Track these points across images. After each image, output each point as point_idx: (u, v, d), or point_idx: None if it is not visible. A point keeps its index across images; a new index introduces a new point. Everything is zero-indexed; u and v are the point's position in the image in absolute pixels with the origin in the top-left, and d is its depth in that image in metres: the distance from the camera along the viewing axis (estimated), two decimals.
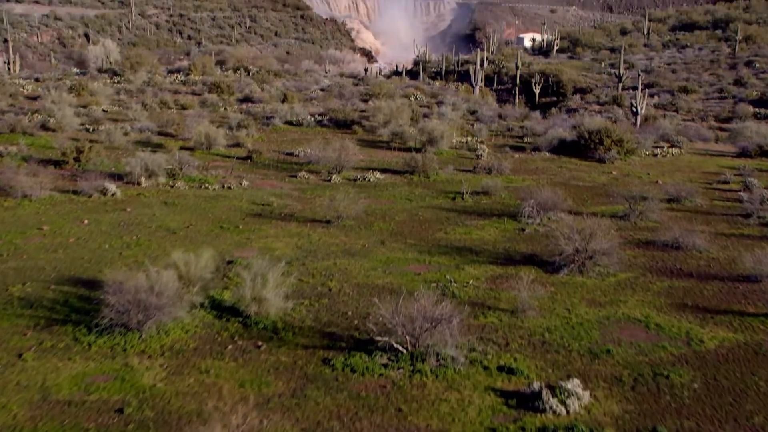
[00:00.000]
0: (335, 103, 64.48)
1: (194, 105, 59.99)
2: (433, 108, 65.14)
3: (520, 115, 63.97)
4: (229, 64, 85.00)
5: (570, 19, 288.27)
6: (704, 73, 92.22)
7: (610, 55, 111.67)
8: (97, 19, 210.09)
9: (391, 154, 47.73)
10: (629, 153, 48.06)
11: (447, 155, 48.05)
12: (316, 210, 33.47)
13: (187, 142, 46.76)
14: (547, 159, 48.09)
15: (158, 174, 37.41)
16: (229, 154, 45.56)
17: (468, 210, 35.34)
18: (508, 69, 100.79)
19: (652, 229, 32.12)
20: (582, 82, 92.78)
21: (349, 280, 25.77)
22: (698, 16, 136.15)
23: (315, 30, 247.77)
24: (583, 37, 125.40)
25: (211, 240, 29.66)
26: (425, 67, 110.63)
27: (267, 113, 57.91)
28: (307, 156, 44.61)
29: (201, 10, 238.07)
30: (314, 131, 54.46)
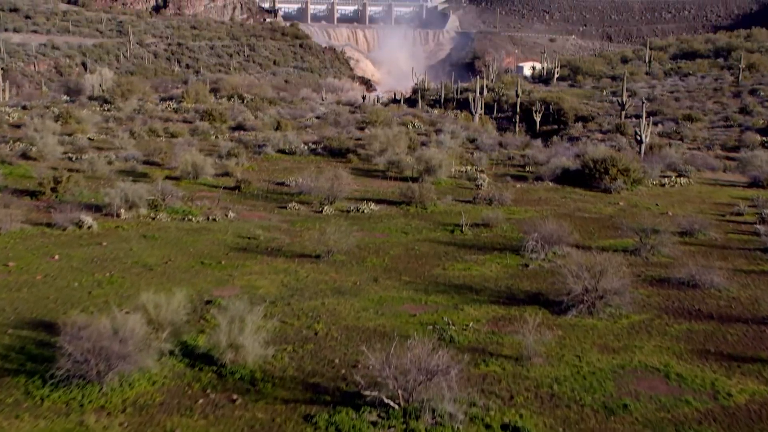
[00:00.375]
0: (330, 131, 62.59)
1: (184, 133, 58.05)
2: (432, 136, 63.25)
3: (521, 144, 62.01)
4: (223, 92, 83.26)
5: (569, 49, 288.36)
6: (708, 101, 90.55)
7: (611, 83, 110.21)
8: (95, 48, 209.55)
9: (386, 184, 45.64)
10: (636, 183, 46.01)
11: (445, 185, 45.99)
12: (306, 244, 31.29)
13: (173, 172, 44.70)
14: (550, 189, 46.00)
15: (139, 205, 35.28)
16: (217, 183, 43.48)
17: (467, 244, 33.17)
18: (508, 97, 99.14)
19: (665, 265, 29.92)
20: (583, 110, 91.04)
21: (338, 322, 23.54)
22: (699, 44, 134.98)
23: (314, 59, 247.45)
24: (584, 65, 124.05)
25: (189, 277, 27.47)
26: (424, 95, 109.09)
27: (259, 141, 55.96)
28: (298, 186, 42.53)
29: (199, 39, 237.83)
30: (307, 160, 52.45)
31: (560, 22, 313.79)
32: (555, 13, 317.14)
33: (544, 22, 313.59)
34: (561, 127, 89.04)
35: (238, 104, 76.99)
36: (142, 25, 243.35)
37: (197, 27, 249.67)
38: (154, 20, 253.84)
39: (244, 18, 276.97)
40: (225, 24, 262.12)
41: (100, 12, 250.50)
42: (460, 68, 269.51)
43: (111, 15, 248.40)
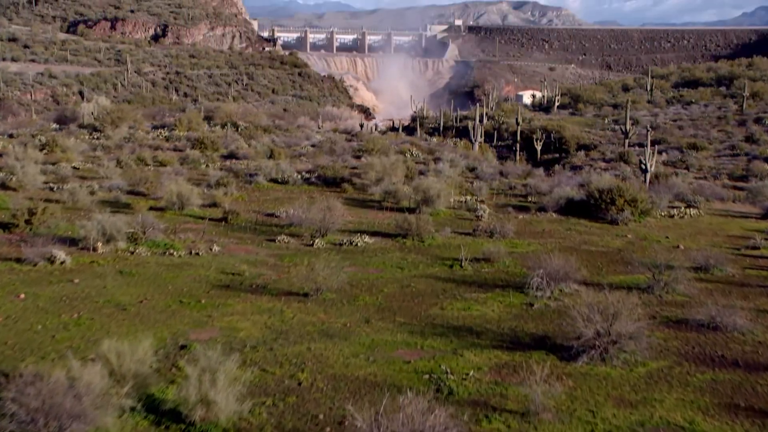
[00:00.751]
0: (325, 159, 60.64)
1: (173, 162, 56.07)
2: (430, 164, 61.30)
3: (522, 173, 60.00)
4: (217, 120, 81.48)
5: (569, 77, 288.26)
6: (712, 129, 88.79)
7: (613, 111, 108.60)
8: (92, 76, 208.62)
9: (382, 215, 43.50)
10: (644, 214, 43.91)
11: (444, 216, 43.87)
12: (293, 281, 29.00)
13: (158, 202, 42.58)
14: (554, 220, 43.84)
15: (117, 238, 33.09)
16: (204, 215, 41.33)
17: (467, 280, 30.93)
18: (508, 125, 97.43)
19: (681, 304, 27.67)
20: (585, 139, 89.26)
21: (324, 370, 21.26)
22: (701, 73, 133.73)
23: (313, 87, 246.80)
24: (585, 94, 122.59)
25: (165, 318, 25.23)
26: (422, 123, 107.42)
27: (251, 170, 53.97)
28: (289, 217, 40.37)
29: (198, 67, 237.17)
30: (300, 189, 50.39)
31: (559, 51, 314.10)
32: (554, 42, 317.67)
33: (543, 51, 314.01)
34: (562, 155, 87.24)
35: (231, 132, 75.15)
36: (140, 53, 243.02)
37: (196, 56, 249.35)
38: (153, 49, 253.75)
39: (243, 47, 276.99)
40: (224, 53, 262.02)
41: (98, 41, 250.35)
42: (460, 97, 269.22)
43: (110, 44, 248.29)
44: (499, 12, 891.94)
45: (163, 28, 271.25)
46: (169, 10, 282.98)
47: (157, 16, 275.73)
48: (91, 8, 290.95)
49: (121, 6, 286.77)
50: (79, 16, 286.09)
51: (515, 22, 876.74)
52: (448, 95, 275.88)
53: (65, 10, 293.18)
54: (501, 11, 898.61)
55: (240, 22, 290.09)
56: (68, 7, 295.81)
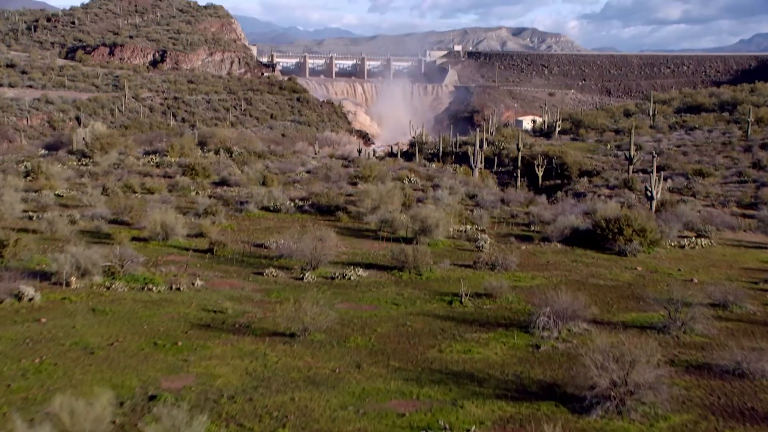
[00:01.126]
0: (320, 186, 58.59)
1: (162, 189, 53.99)
2: (429, 191, 59.23)
3: (524, 200, 57.86)
4: (211, 145, 79.56)
5: (569, 103, 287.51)
6: (717, 155, 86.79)
7: (615, 137, 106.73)
8: (89, 102, 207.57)
9: (378, 246, 41.29)
10: (653, 244, 41.70)
11: (443, 246, 41.66)
12: (279, 320, 26.68)
13: (141, 232, 40.39)
14: (558, 251, 41.61)
15: (93, 273, 30.86)
16: (189, 245, 39.13)
17: (468, 318, 28.67)
18: (508, 150, 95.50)
19: (701, 346, 25.40)
20: (588, 165, 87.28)
21: (309, 425, 18.99)
22: (703, 98, 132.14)
23: (311, 112, 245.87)
24: (586, 119, 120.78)
25: (136, 363, 22.95)
26: (421, 149, 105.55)
27: (242, 198, 51.88)
28: (279, 248, 38.15)
29: (196, 93, 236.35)
30: (293, 218, 48.24)
31: (559, 77, 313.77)
32: (554, 68, 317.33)
33: (543, 76, 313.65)
34: (565, 181, 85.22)
35: (225, 158, 73.19)
36: (138, 79, 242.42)
37: (194, 81, 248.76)
38: (151, 75, 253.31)
39: (241, 72, 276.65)
40: (222, 78, 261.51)
41: (96, 67, 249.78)
42: (459, 122, 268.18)
43: (108, 70, 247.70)
44: (498, 38, 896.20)
45: (161, 53, 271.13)
46: (168, 36, 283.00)
47: (156, 42, 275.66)
48: (90, 34, 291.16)
49: (120, 32, 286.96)
50: (77, 42, 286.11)
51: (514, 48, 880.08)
52: (448, 120, 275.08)
53: (64, 37, 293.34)
54: (500, 37, 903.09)
55: (239, 47, 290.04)
56: (67, 33, 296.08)
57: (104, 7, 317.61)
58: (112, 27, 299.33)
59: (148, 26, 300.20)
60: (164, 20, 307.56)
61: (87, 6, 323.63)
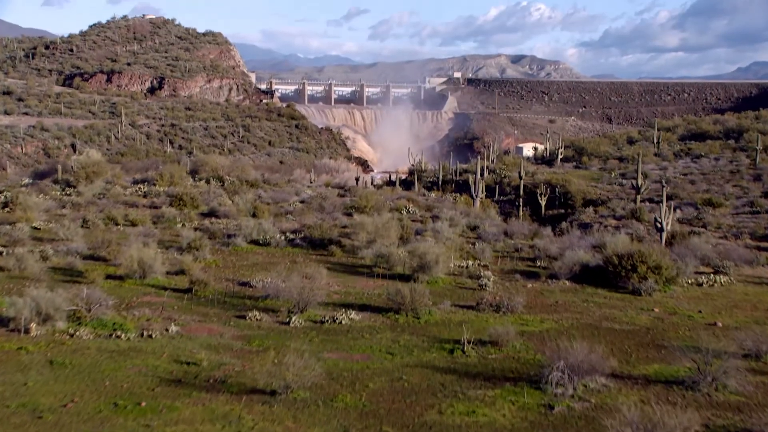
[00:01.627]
0: (313, 217, 55.77)
1: (146, 221, 51.14)
2: (428, 223, 56.36)
3: (528, 232, 54.93)
4: (203, 173, 76.86)
5: (569, 130, 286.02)
6: (726, 184, 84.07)
7: (619, 165, 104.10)
8: (85, 129, 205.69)
9: (373, 284, 38.29)
10: (669, 282, 38.73)
11: (443, 284, 38.66)
12: (259, 375, 23.60)
13: (118, 269, 37.43)
14: (567, 290, 38.60)
15: (55, 318, 27.87)
16: (168, 284, 36.15)
17: (471, 371, 25.62)
18: (510, 179, 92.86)
19: (737, 406, 22.32)
20: (592, 193, 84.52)
21: None
22: (708, 125, 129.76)
23: (310, 139, 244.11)
24: (589, 146, 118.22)
25: (90, 430, 19.89)
26: (420, 177, 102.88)
27: (230, 230, 49.01)
28: (265, 288, 35.16)
29: (193, 119, 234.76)
30: (283, 253, 45.29)
31: (559, 104, 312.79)
32: (554, 95, 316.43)
33: (543, 103, 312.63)
34: (568, 210, 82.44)
35: (215, 187, 70.46)
36: (135, 106, 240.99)
37: (191, 108, 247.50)
38: (148, 101, 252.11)
39: (240, 99, 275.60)
40: (220, 105, 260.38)
41: (94, 94, 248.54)
42: (459, 149, 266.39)
43: (105, 96, 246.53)
44: (497, 65, 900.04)
45: (159, 80, 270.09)
46: (166, 63, 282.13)
47: (154, 69, 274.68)
48: (88, 61, 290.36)
49: (118, 59, 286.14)
50: (75, 69, 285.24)
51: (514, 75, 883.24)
52: (448, 147, 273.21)
53: (62, 64, 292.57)
54: (499, 65, 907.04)
55: (237, 74, 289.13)
56: (65, 60, 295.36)
57: (102, 35, 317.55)
58: (110, 54, 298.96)
59: (147, 53, 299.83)
60: (162, 47, 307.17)
61: (85, 33, 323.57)
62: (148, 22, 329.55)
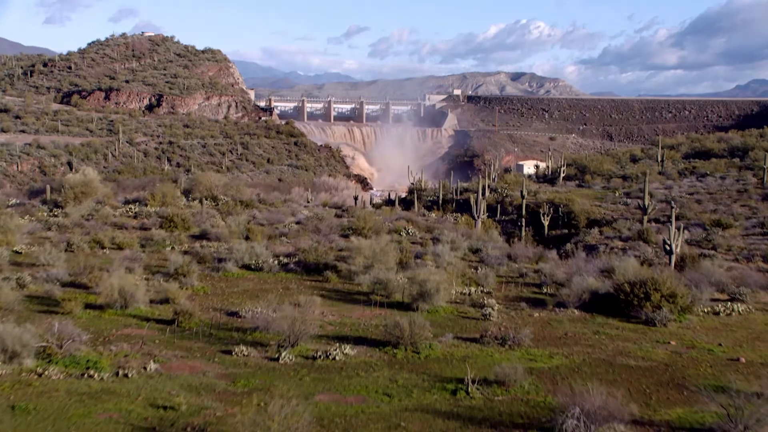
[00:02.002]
0: (309, 240, 53.59)
1: (134, 244, 48.90)
2: (428, 245, 54.16)
3: (533, 255, 52.68)
4: (197, 193, 74.70)
5: (570, 147, 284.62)
6: (734, 204, 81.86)
7: (622, 183, 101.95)
8: (82, 147, 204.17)
9: (370, 313, 36.01)
10: (684, 311, 36.47)
11: (444, 314, 36.38)
12: (240, 426, 21.26)
13: (99, 297, 35.14)
14: (577, 319, 36.30)
15: (23, 355, 25.60)
16: (152, 314, 33.87)
17: (475, 416, 23.31)
18: (512, 198, 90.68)
19: None
20: (596, 213, 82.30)
21: None
22: (712, 143, 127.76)
23: (309, 157, 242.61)
24: (591, 164, 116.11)
25: None
26: (420, 196, 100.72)
27: (221, 254, 46.77)
28: (254, 318, 32.86)
29: (191, 137, 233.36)
30: (276, 278, 43.02)
31: (560, 121, 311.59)
32: (554, 112, 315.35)
33: (543, 120, 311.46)
34: (572, 231, 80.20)
35: (209, 207, 68.34)
36: (133, 123, 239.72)
37: (190, 125, 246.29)
38: (147, 119, 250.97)
39: (239, 116, 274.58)
40: (219, 122, 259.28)
41: (91, 111, 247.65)
42: (459, 166, 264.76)
43: (103, 114, 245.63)
44: (497, 83, 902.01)
45: (158, 98, 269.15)
46: (165, 81, 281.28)
47: (152, 86, 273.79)
48: (87, 79, 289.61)
49: (116, 77, 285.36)
50: (73, 86, 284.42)
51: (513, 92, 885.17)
52: (448, 165, 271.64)
53: (60, 82, 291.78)
54: (499, 82, 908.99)
55: (236, 92, 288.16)
56: (63, 78, 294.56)
57: (101, 52, 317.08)
58: (109, 72, 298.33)
59: (145, 71, 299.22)
60: (161, 65, 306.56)
61: (84, 51, 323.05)
62: (147, 39, 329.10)
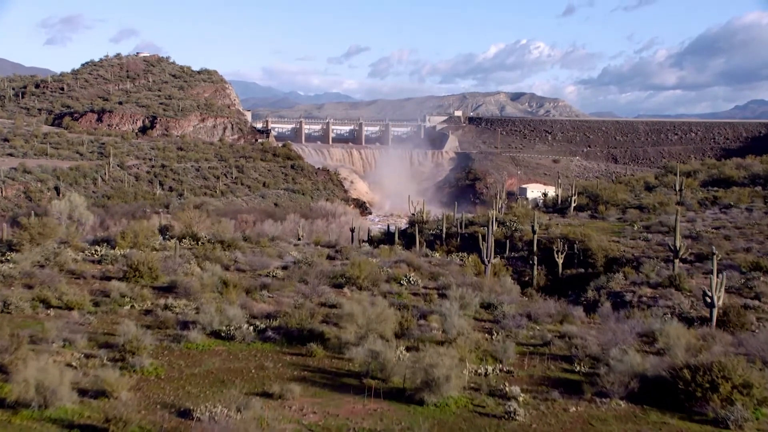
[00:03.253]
0: (294, 292, 46.15)
1: (85, 302, 41.32)
2: (433, 300, 46.71)
3: (555, 313, 45.05)
4: (175, 230, 67.31)
5: (574, 170, 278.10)
6: (767, 240, 74.46)
7: (640, 215, 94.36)
8: (70, 171, 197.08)
9: (362, 409, 28.34)
10: (761, 404, 28.89)
11: (456, 409, 28.72)
12: None
13: (12, 394, 27.48)
14: (624, 416, 28.57)
15: None
16: (80, 417, 26.22)
17: None
18: (522, 232, 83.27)
19: None
20: (615, 250, 74.83)
21: None
22: (731, 170, 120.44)
23: (306, 180, 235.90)
24: (604, 193, 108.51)
25: None
26: (422, 229, 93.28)
27: (186, 316, 39.25)
28: (211, 423, 25.21)
29: (185, 160, 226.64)
30: (250, 352, 35.41)
31: (563, 143, 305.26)
32: (557, 134, 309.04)
33: (546, 142, 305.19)
34: (589, 270, 72.74)
35: (187, 247, 60.94)
36: (125, 146, 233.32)
37: (184, 148, 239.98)
38: (139, 141, 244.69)
39: (234, 138, 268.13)
40: (213, 144, 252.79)
41: (83, 134, 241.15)
42: (461, 190, 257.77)
43: (94, 136, 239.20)
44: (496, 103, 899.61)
45: (151, 119, 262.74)
46: (159, 102, 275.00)
47: (146, 108, 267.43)
48: (79, 100, 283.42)
49: (110, 98, 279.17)
50: (66, 108, 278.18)
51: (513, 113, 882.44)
52: (449, 188, 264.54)
53: (52, 103, 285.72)
54: (499, 102, 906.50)
55: (232, 113, 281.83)
56: (55, 99, 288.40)
57: (95, 73, 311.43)
58: (102, 93, 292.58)
59: (139, 92, 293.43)
60: (156, 85, 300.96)
61: (77, 72, 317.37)
62: (142, 60, 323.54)
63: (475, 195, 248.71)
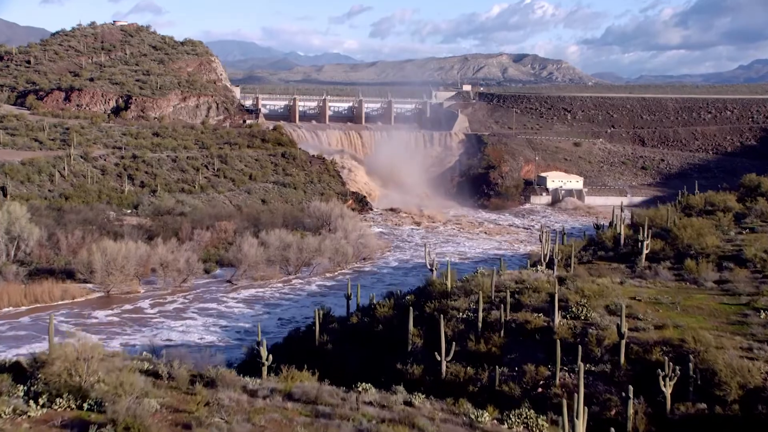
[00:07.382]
0: None
1: None
2: None
3: None
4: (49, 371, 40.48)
5: (597, 154, 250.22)
6: None
7: (752, 278, 67.34)
8: (22, 166, 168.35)
9: None
10: None
11: None
12: None
13: None
14: None
15: None
16: None
17: None
18: (598, 328, 56.57)
19: None
20: (756, 374, 48.45)
21: None
22: None
23: (299, 171, 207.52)
24: (681, 233, 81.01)
25: None
26: (446, 310, 66.61)
27: None
28: None
29: (160, 149, 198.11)
30: None
31: (584, 123, 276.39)
32: (578, 113, 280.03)
33: (565, 122, 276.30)
34: (717, 409, 46.56)
35: None
36: (93, 132, 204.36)
37: (160, 133, 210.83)
38: (110, 126, 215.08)
39: (220, 120, 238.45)
40: (194, 129, 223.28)
41: (46, 116, 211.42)
42: (473, 180, 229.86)
43: (59, 119, 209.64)
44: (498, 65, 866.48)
45: (126, 99, 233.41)
46: (135, 78, 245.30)
47: (120, 86, 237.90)
48: (47, 75, 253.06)
49: (81, 73, 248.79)
50: (31, 85, 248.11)
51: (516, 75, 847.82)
52: (459, 177, 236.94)
53: (16, 78, 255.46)
54: (501, 64, 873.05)
55: (218, 89, 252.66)
56: (20, 74, 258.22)
57: (65, 44, 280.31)
58: (73, 66, 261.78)
59: (114, 65, 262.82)
60: (134, 59, 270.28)
61: (46, 42, 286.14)
62: (119, 29, 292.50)
63: (489, 186, 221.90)
